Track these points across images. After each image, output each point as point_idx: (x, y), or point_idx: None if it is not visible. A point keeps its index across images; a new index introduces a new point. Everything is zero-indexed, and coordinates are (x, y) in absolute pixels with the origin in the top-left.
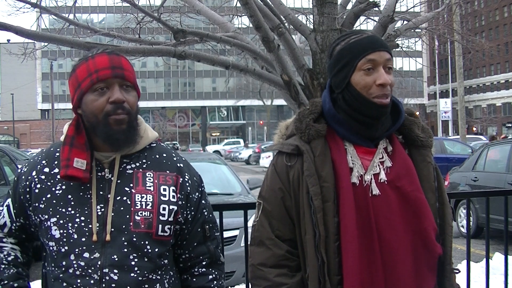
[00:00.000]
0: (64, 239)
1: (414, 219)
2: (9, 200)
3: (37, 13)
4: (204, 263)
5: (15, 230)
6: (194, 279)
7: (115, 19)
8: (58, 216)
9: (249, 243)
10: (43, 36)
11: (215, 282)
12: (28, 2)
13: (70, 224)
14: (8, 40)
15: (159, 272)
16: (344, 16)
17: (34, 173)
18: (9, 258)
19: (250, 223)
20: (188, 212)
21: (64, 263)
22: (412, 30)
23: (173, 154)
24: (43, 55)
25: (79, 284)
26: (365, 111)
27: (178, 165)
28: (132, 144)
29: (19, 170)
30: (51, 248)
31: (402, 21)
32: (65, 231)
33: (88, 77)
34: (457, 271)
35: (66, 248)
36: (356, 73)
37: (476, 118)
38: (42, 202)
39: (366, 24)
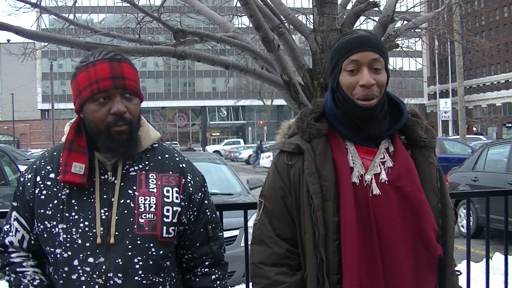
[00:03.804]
0: (68, 244)
1: (414, 219)
2: (14, 213)
3: (37, 13)
4: (207, 263)
5: (34, 240)
6: (197, 279)
7: (115, 19)
8: (64, 221)
9: (250, 241)
10: (43, 36)
11: (218, 282)
12: (28, 2)
13: (74, 229)
14: (8, 40)
15: (162, 274)
16: (344, 16)
17: (38, 178)
18: (35, 283)
19: (250, 223)
20: (191, 212)
21: (66, 268)
22: (412, 30)
23: (176, 155)
24: (43, 55)
25: None
26: (352, 112)
27: (181, 165)
28: (133, 154)
29: (21, 179)
30: (57, 254)
31: (402, 21)
32: (68, 236)
33: (89, 86)
34: (459, 273)
35: (70, 253)
36: (342, 74)
37: (476, 118)
38: (49, 208)
39: (366, 24)
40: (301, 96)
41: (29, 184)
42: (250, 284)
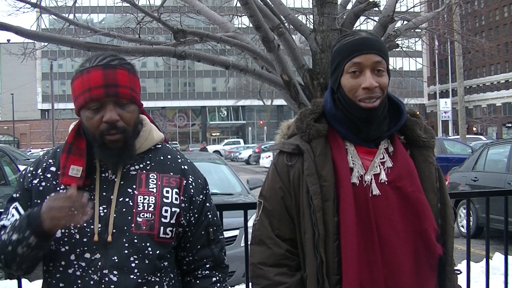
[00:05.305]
0: (66, 239)
1: (415, 219)
2: (15, 204)
3: (37, 13)
4: (207, 266)
5: None
6: (197, 281)
7: (115, 19)
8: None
9: (249, 242)
10: (43, 36)
11: (218, 284)
12: (28, 2)
13: (72, 224)
14: (8, 40)
15: (159, 274)
16: (344, 16)
17: (39, 170)
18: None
19: (250, 223)
20: (191, 214)
21: (63, 262)
22: (412, 30)
23: (178, 156)
24: (43, 55)
25: (79, 285)
26: (354, 113)
27: (183, 167)
28: (127, 162)
29: (23, 172)
30: (51, 246)
31: (402, 21)
32: (66, 230)
33: (82, 94)
34: (459, 272)
35: (67, 247)
36: (343, 75)
37: (476, 118)
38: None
39: (366, 24)
40: (301, 96)
41: (29, 175)
42: (250, 284)
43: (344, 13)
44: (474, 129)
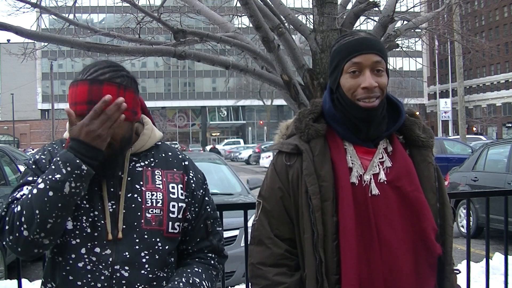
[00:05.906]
0: (77, 232)
1: (414, 219)
2: (26, 187)
3: (37, 13)
4: (206, 251)
5: None
6: (193, 254)
7: (115, 19)
8: (73, 207)
9: (249, 242)
10: (43, 36)
11: (210, 258)
12: (28, 2)
13: (84, 218)
14: (8, 40)
15: (166, 270)
16: (344, 16)
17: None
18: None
19: (250, 223)
20: (193, 209)
21: (73, 256)
22: (412, 30)
23: (178, 153)
24: (43, 55)
25: (89, 280)
26: (353, 113)
27: (184, 163)
28: (110, 177)
29: (33, 159)
30: (61, 239)
31: (402, 21)
32: (78, 223)
33: (70, 107)
34: (458, 272)
35: (78, 240)
36: (343, 75)
37: (476, 118)
38: None
39: (366, 24)
40: (301, 96)
41: (43, 161)
42: (250, 284)
43: (344, 13)
44: (474, 129)
